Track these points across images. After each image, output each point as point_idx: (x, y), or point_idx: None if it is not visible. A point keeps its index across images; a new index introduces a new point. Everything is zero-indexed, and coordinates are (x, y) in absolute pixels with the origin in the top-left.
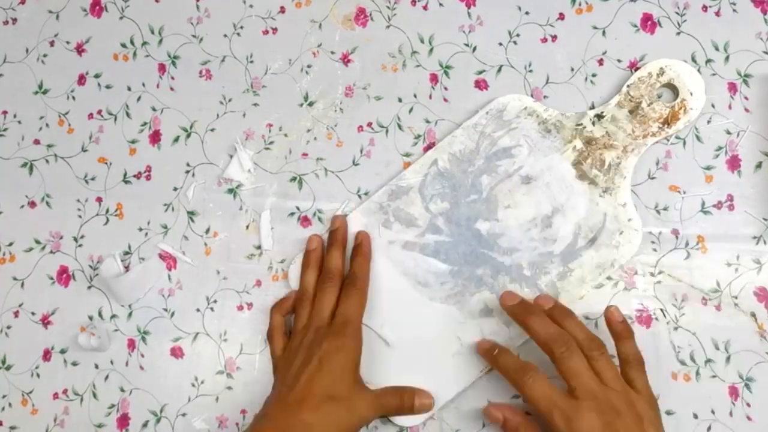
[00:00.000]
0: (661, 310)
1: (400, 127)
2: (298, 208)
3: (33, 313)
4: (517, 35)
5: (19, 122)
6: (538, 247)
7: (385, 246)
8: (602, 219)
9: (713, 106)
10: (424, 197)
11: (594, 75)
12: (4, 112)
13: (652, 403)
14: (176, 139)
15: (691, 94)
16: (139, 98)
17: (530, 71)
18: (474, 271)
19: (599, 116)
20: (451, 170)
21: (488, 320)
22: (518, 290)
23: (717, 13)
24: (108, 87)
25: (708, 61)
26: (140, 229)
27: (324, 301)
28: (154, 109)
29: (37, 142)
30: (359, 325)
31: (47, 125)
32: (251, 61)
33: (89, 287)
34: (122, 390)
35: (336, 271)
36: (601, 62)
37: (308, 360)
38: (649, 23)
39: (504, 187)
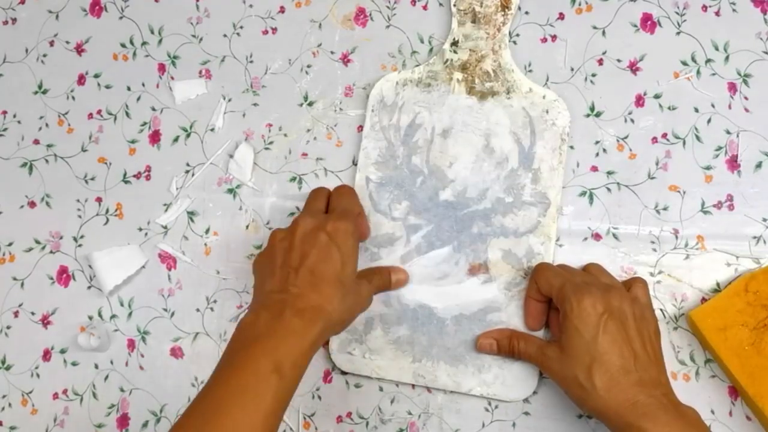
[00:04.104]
0: (661, 310)
1: None
2: (297, 208)
3: (33, 313)
4: (517, 35)
5: (19, 122)
6: (500, 174)
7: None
8: (525, 113)
9: (713, 105)
10: (383, 212)
11: (594, 75)
12: (4, 112)
13: (655, 317)
14: (176, 139)
15: None
16: (138, 98)
17: (530, 71)
18: (470, 232)
19: (455, 43)
20: (385, 175)
21: (511, 257)
22: (513, 215)
23: (717, 13)
24: (108, 87)
25: (708, 61)
26: (140, 229)
27: (315, 200)
28: (153, 109)
29: (36, 142)
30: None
31: (47, 125)
32: (251, 61)
33: (89, 287)
34: (122, 390)
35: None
36: (600, 62)
37: (313, 243)
38: (648, 23)
39: (434, 153)
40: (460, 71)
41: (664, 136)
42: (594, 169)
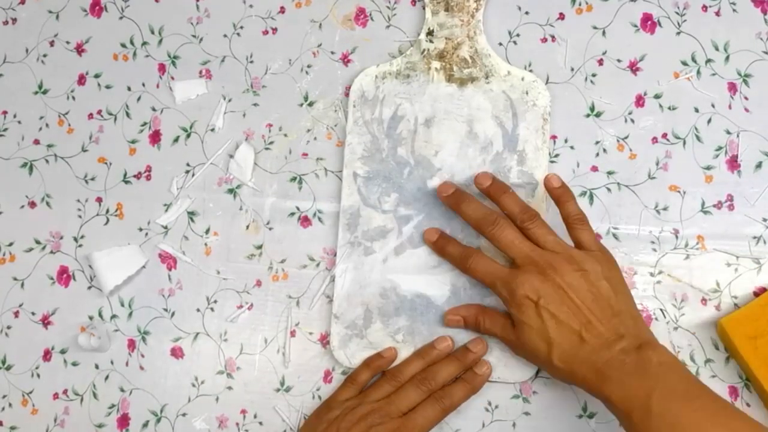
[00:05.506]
0: (661, 310)
1: None
2: (298, 208)
3: (33, 313)
4: (517, 35)
5: (19, 122)
6: (486, 158)
7: (386, 268)
8: (505, 96)
9: (713, 105)
10: (373, 206)
11: (594, 75)
12: (4, 112)
13: (601, 258)
14: (176, 139)
15: None
16: (139, 98)
17: (530, 71)
18: (460, 219)
19: (430, 33)
20: (372, 169)
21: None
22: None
23: (717, 13)
24: (108, 87)
25: (708, 61)
26: (140, 229)
27: (407, 398)
28: (154, 109)
29: (37, 142)
30: None
31: (47, 125)
32: (251, 61)
33: (89, 287)
34: (122, 390)
35: (435, 384)
36: (600, 62)
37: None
38: (649, 23)
39: (419, 143)
40: (437, 60)
41: (664, 136)
42: (594, 169)
